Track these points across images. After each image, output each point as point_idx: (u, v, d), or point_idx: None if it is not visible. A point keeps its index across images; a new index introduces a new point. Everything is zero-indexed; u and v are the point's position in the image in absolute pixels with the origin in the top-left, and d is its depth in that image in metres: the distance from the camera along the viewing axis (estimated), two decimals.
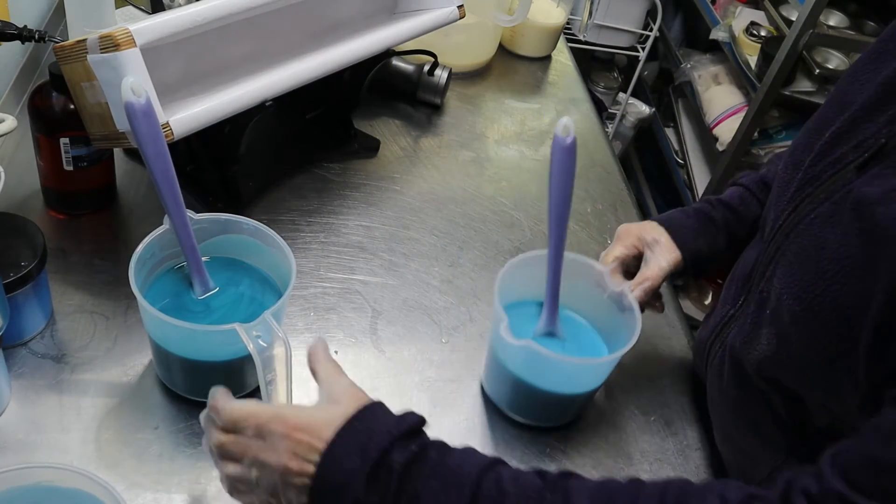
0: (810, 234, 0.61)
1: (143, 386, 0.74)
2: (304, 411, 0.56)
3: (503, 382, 0.77)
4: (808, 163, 0.65)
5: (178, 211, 0.68)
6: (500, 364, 0.76)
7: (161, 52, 0.75)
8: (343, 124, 1.09)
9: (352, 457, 0.53)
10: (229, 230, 0.75)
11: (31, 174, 0.89)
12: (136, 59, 0.69)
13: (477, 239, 0.99)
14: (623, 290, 0.76)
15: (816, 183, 0.63)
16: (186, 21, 0.74)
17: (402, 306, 0.88)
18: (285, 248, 0.72)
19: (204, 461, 0.69)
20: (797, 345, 0.61)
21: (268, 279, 0.76)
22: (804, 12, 1.65)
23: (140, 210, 0.92)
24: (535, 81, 1.36)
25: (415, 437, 0.55)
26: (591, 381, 0.76)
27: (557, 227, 0.71)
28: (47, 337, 0.77)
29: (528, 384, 0.74)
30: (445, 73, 1.18)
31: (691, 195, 2.12)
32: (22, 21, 0.90)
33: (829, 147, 0.63)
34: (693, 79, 2.16)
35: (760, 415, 0.69)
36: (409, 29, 0.96)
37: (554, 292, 0.76)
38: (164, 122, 0.72)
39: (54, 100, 0.81)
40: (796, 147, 0.69)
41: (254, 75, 0.82)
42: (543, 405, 0.76)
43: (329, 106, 1.06)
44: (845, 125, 0.62)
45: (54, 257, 0.83)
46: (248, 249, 0.76)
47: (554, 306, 0.77)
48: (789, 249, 0.63)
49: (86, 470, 0.54)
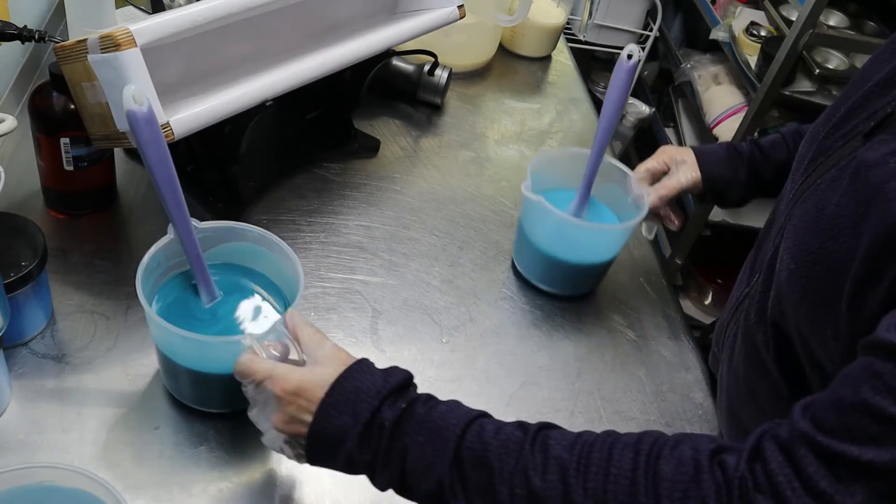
0: (815, 198, 0.63)
1: (144, 386, 0.74)
2: (295, 373, 0.60)
3: (531, 256, 0.92)
4: (822, 136, 0.68)
5: (183, 220, 0.67)
6: (527, 239, 0.92)
7: (162, 52, 0.75)
8: (343, 124, 1.09)
9: (343, 416, 0.57)
10: (234, 238, 0.74)
11: (32, 174, 0.89)
12: (136, 59, 0.69)
13: (477, 239, 0.99)
14: (641, 193, 0.89)
15: (828, 153, 0.65)
16: (187, 21, 0.74)
17: (403, 306, 0.88)
18: (292, 255, 0.71)
19: (204, 461, 0.69)
20: (790, 303, 0.63)
21: (274, 285, 0.76)
22: (804, 12, 1.65)
23: (140, 210, 0.92)
24: (535, 81, 1.36)
25: (403, 392, 0.58)
26: (603, 252, 0.92)
27: (606, 131, 0.86)
28: (48, 337, 0.77)
29: (550, 255, 0.90)
30: (445, 73, 1.18)
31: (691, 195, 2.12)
32: (22, 21, 0.90)
33: (843, 121, 0.66)
34: (693, 79, 2.16)
35: (765, 393, 0.71)
36: (410, 29, 0.96)
37: (588, 183, 0.90)
38: (165, 122, 0.72)
39: (54, 100, 0.81)
40: (815, 125, 0.72)
41: (254, 75, 0.82)
42: (563, 274, 0.92)
43: (329, 106, 1.06)
44: (859, 100, 0.65)
45: (55, 257, 0.83)
46: (254, 256, 0.75)
47: (586, 195, 0.90)
48: (795, 214, 0.66)
49: (86, 470, 0.54)
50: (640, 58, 0.82)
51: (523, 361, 0.85)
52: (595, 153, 0.88)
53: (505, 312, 0.90)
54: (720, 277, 2.26)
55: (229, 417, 0.73)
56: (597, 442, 0.55)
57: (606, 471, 0.53)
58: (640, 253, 1.02)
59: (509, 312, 0.90)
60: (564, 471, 0.54)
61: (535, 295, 0.93)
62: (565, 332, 0.89)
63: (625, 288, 0.97)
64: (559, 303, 0.93)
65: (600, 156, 0.88)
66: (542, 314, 0.91)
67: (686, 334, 0.93)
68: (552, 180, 0.93)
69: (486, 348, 0.86)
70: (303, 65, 0.85)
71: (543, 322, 0.90)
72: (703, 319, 2.16)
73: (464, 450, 0.55)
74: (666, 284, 0.99)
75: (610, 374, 0.86)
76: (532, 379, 0.83)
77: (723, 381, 0.80)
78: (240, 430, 0.72)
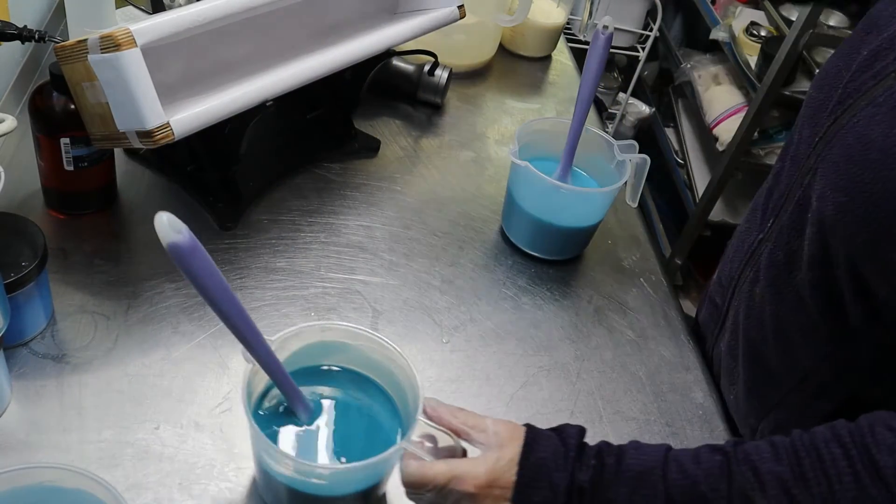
0: (854, 133, 0.64)
1: (144, 386, 0.74)
2: (479, 465, 0.59)
3: (519, 221, 0.96)
4: (847, 79, 0.68)
5: (259, 344, 0.58)
6: (516, 204, 0.95)
7: (162, 52, 0.75)
8: (344, 124, 1.09)
9: (542, 491, 0.58)
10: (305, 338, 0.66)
11: (32, 174, 0.89)
12: (136, 59, 0.69)
13: (477, 239, 0.99)
14: (624, 159, 0.93)
15: (857, 94, 0.66)
16: (187, 21, 0.74)
17: (403, 306, 0.88)
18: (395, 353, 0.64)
19: (204, 461, 0.69)
20: (842, 236, 0.64)
21: (369, 380, 0.68)
22: (804, 12, 1.65)
23: (140, 210, 0.92)
24: (535, 81, 1.36)
25: (585, 450, 0.59)
26: (588, 216, 0.95)
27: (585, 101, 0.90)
28: (48, 337, 0.77)
29: (538, 219, 0.93)
30: (445, 73, 1.18)
31: (691, 195, 2.12)
32: (22, 21, 0.90)
33: (869, 63, 0.67)
34: (693, 79, 2.16)
35: (798, 329, 0.72)
36: (410, 29, 0.97)
37: (571, 150, 0.94)
38: (165, 122, 0.72)
39: (55, 100, 0.81)
40: (827, 72, 0.72)
41: (255, 75, 0.82)
42: (550, 238, 0.95)
43: (330, 106, 1.06)
44: (885, 43, 0.66)
45: (55, 257, 0.83)
46: (329, 350, 0.68)
47: (569, 162, 0.94)
48: (831, 153, 0.66)
49: (87, 470, 0.54)
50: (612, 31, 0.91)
51: (523, 362, 0.85)
52: (576, 121, 0.92)
53: (505, 313, 0.90)
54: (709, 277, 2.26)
55: (229, 416, 0.73)
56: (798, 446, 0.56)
57: (825, 472, 0.55)
58: (641, 253, 1.02)
59: (510, 313, 0.90)
60: (783, 483, 0.54)
61: (536, 295, 0.93)
62: (565, 333, 0.89)
63: (624, 288, 0.97)
64: (560, 304, 0.93)
65: (581, 123, 0.92)
66: (542, 315, 0.91)
67: (686, 334, 0.93)
68: (538, 149, 0.97)
69: (487, 348, 0.86)
70: (303, 65, 0.85)
71: (544, 322, 0.90)
72: None
73: (673, 488, 0.56)
74: (666, 284, 0.99)
75: (610, 374, 0.86)
76: (532, 379, 0.83)
77: (738, 327, 0.81)
78: (240, 430, 0.72)
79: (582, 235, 0.97)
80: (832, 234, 0.65)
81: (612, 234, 1.04)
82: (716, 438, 0.81)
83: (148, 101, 0.71)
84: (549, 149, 0.98)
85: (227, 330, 0.53)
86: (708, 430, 0.82)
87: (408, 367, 0.63)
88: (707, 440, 0.81)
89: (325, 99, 1.05)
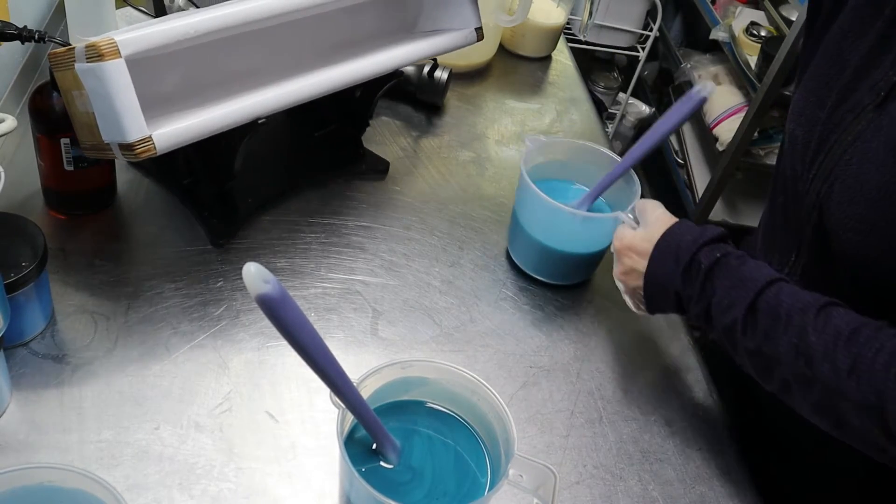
0: (850, 173, 0.66)
1: (144, 386, 0.74)
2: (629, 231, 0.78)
3: (524, 244, 0.93)
4: (824, 116, 0.70)
5: (350, 390, 0.57)
6: (521, 227, 0.92)
7: (159, 62, 0.74)
8: (352, 144, 1.08)
9: (668, 263, 0.72)
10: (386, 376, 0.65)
11: (32, 174, 0.89)
12: (119, 70, 0.67)
13: (477, 239, 0.99)
14: None
15: (839, 130, 0.69)
16: (178, 33, 0.70)
17: (403, 307, 0.88)
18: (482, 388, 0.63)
19: (204, 461, 0.69)
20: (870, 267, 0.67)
21: (450, 414, 0.67)
22: (804, 12, 1.65)
23: (140, 210, 0.92)
24: (535, 81, 1.36)
25: (717, 244, 0.71)
26: (596, 242, 0.91)
27: (644, 151, 0.85)
28: (48, 337, 0.77)
29: (548, 246, 0.90)
30: (445, 73, 1.18)
31: (691, 195, 2.12)
32: (22, 21, 0.90)
33: (842, 97, 0.69)
34: (693, 79, 2.16)
35: None
36: (425, 49, 0.93)
37: (602, 189, 0.90)
38: (147, 135, 0.69)
39: (55, 100, 0.81)
40: (802, 108, 0.75)
41: (258, 89, 0.80)
42: (556, 263, 0.93)
43: (339, 124, 1.05)
44: (850, 76, 0.68)
45: (55, 257, 0.83)
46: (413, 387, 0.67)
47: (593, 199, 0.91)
48: (832, 191, 0.68)
49: (87, 470, 0.54)
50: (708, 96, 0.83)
51: (523, 362, 0.85)
52: (623, 166, 0.87)
53: (505, 313, 0.90)
54: None
55: (229, 416, 0.73)
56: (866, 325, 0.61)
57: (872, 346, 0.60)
58: None
59: (510, 313, 0.90)
60: (837, 335, 0.61)
61: (536, 296, 0.93)
62: (565, 333, 0.89)
63: None
64: (559, 304, 0.93)
65: (627, 170, 0.88)
66: (542, 315, 0.91)
67: (686, 334, 0.93)
68: (549, 169, 0.94)
69: (487, 349, 0.86)
70: (306, 81, 0.82)
71: (543, 323, 0.90)
72: None
73: (761, 300, 0.65)
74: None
75: (610, 374, 0.86)
76: (532, 379, 0.83)
77: None
78: (240, 430, 0.73)
79: (589, 261, 0.94)
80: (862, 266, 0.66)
81: None
82: (716, 439, 0.81)
83: (130, 114, 0.68)
84: (560, 171, 0.95)
85: (226, 330, 0.53)
86: (708, 430, 0.82)
87: (495, 399, 0.63)
88: (707, 440, 0.81)
89: (334, 117, 1.03)
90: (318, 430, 0.74)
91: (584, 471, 0.76)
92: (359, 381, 0.60)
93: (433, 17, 0.97)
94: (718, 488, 0.77)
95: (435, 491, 0.62)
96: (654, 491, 0.75)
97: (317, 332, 0.52)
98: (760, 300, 0.65)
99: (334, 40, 0.93)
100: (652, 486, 0.76)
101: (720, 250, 0.70)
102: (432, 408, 0.67)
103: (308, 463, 0.71)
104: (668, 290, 0.72)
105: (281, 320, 0.50)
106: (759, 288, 0.66)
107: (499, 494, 0.59)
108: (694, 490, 0.77)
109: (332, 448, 0.72)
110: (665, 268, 0.72)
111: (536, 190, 0.86)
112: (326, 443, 0.73)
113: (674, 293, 0.71)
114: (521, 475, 0.59)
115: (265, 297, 0.48)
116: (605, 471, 0.76)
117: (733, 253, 0.70)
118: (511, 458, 0.59)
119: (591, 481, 0.75)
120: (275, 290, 0.48)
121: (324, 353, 0.53)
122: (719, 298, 0.68)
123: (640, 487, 0.76)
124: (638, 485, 0.76)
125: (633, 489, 0.75)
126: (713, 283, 0.68)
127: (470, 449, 0.65)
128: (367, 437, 0.63)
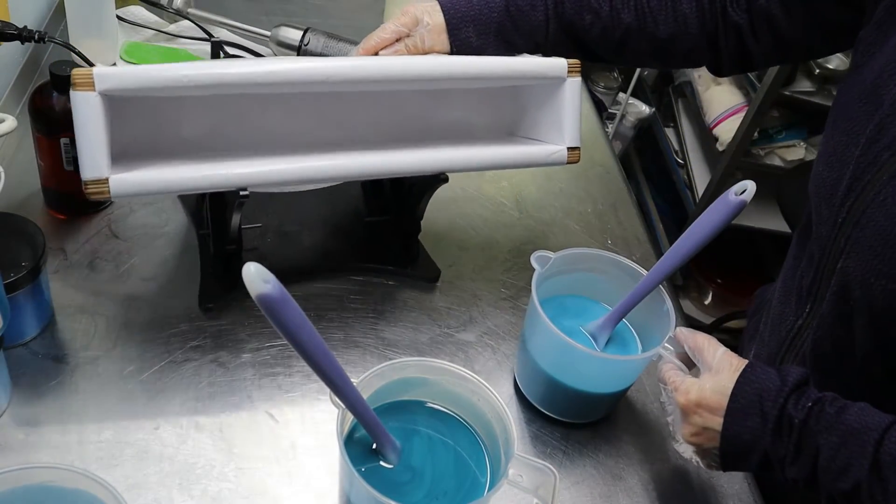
0: (883, 214, 0.62)
1: (144, 385, 0.74)
2: (695, 384, 0.65)
3: (535, 380, 0.79)
4: (858, 154, 0.66)
5: (350, 390, 0.57)
6: (532, 361, 0.77)
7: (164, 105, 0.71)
8: (407, 240, 0.93)
9: (752, 418, 0.61)
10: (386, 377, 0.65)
11: (32, 174, 0.89)
12: (90, 103, 0.64)
13: (477, 239, 0.99)
14: None
15: (874, 169, 0.64)
16: (167, 79, 0.65)
17: (403, 306, 0.88)
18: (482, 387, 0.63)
19: (204, 461, 0.69)
20: None
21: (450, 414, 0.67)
22: None
23: (140, 210, 0.92)
24: None
25: (804, 390, 0.61)
26: (618, 381, 0.78)
27: (672, 266, 0.73)
28: (48, 337, 0.77)
29: (561, 382, 0.76)
30: None
31: (691, 195, 2.12)
32: (22, 21, 0.90)
33: (878, 134, 0.64)
34: (693, 79, 2.16)
35: None
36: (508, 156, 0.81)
37: (624, 311, 0.77)
38: (103, 177, 0.65)
39: (55, 100, 0.81)
40: (833, 148, 0.69)
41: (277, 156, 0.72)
42: (570, 401, 0.78)
43: (395, 216, 0.94)
44: (888, 114, 0.64)
45: (54, 257, 0.83)
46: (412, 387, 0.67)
47: (614, 323, 0.78)
48: (863, 235, 0.64)
49: (87, 470, 0.54)
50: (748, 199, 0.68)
51: None
52: (650, 281, 0.74)
53: (505, 313, 0.90)
54: (720, 277, 2.26)
55: (229, 416, 0.73)
56: None
57: None
58: (641, 253, 1.02)
59: (510, 313, 0.90)
60: None
61: None
62: None
63: None
64: None
65: (655, 286, 0.74)
66: None
67: None
68: (563, 283, 0.80)
69: (487, 349, 0.86)
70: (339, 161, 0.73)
71: None
72: (703, 319, 2.16)
73: (884, 454, 0.57)
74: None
75: None
76: None
77: None
78: (240, 430, 0.72)
79: (608, 400, 0.80)
80: (891, 321, 0.62)
81: (612, 233, 1.04)
82: None
83: (91, 150, 0.65)
84: (575, 285, 0.82)
85: (227, 330, 0.53)
86: None
87: (494, 399, 0.63)
88: None
89: (391, 208, 0.92)
90: (318, 430, 0.74)
91: (584, 471, 0.76)
92: (359, 381, 0.60)
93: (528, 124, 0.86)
94: (719, 488, 0.77)
95: (435, 491, 0.62)
96: (654, 491, 0.75)
97: (317, 332, 0.52)
98: (882, 453, 0.57)
99: (371, 121, 0.82)
100: (652, 486, 0.76)
101: (810, 398, 0.61)
102: (432, 408, 0.67)
103: (308, 463, 0.71)
104: (753, 451, 0.62)
105: (281, 320, 0.50)
106: (875, 441, 0.57)
107: (499, 494, 0.59)
108: (694, 490, 0.76)
109: (332, 448, 0.72)
110: (749, 426, 0.61)
111: (549, 324, 0.72)
112: (326, 443, 0.73)
113: (760, 454, 0.61)
114: (521, 475, 0.59)
115: (265, 297, 0.48)
116: (605, 471, 0.76)
117: (825, 398, 0.61)
118: (511, 458, 0.59)
119: (591, 481, 0.75)
120: (275, 290, 0.48)
121: (324, 353, 0.53)
122: (828, 460, 0.58)
123: (641, 487, 0.76)
124: (638, 485, 0.76)
125: (634, 489, 0.75)
126: (815, 441, 0.59)
127: (470, 449, 0.65)
128: (367, 437, 0.63)
